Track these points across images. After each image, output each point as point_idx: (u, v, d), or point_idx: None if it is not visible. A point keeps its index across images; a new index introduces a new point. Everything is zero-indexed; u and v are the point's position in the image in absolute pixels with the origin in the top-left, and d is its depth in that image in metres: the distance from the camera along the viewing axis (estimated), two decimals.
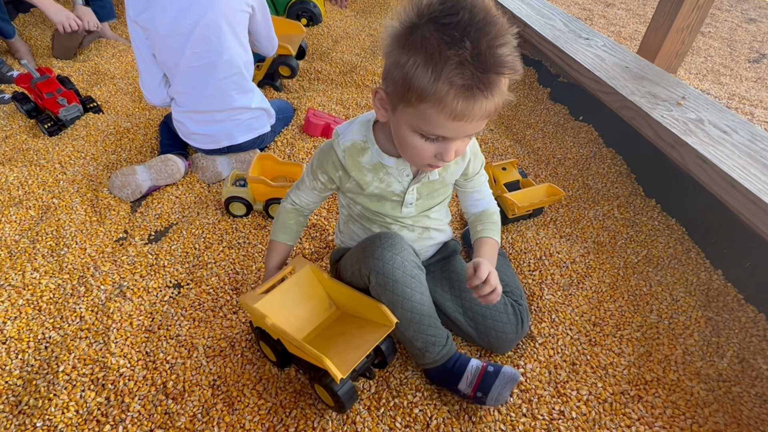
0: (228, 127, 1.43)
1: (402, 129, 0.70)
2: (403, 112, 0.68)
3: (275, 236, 0.99)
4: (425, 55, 0.60)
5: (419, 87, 0.62)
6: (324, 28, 2.47)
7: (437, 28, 0.60)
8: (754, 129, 1.16)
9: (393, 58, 0.64)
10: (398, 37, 0.63)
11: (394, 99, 0.68)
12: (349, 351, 0.83)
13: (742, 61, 2.53)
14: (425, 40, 0.60)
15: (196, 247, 1.24)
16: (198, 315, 1.06)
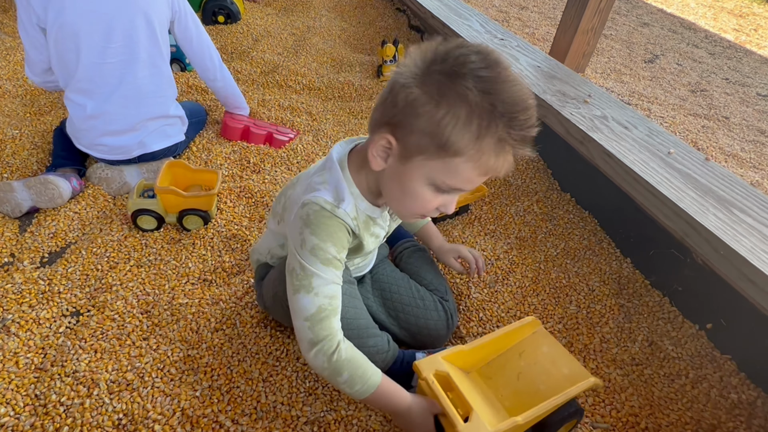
0: (141, 136, 1.30)
1: (411, 181, 0.65)
2: (422, 165, 0.63)
3: (372, 381, 0.73)
4: (469, 110, 0.58)
5: (458, 142, 0.59)
6: (243, 26, 2.36)
7: (479, 82, 0.57)
8: (651, 124, 1.26)
9: (422, 109, 0.59)
10: (429, 88, 0.59)
11: (412, 150, 0.63)
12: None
13: (639, 62, 2.77)
14: (468, 93, 0.57)
15: (98, 267, 1.11)
16: (100, 346, 0.94)
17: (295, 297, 0.70)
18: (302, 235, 0.69)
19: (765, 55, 3.17)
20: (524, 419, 0.72)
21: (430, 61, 0.60)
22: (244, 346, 0.99)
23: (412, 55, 0.62)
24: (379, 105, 0.66)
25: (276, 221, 0.88)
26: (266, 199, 1.35)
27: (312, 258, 0.69)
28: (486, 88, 0.57)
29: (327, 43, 2.33)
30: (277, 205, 0.88)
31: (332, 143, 1.62)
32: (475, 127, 0.58)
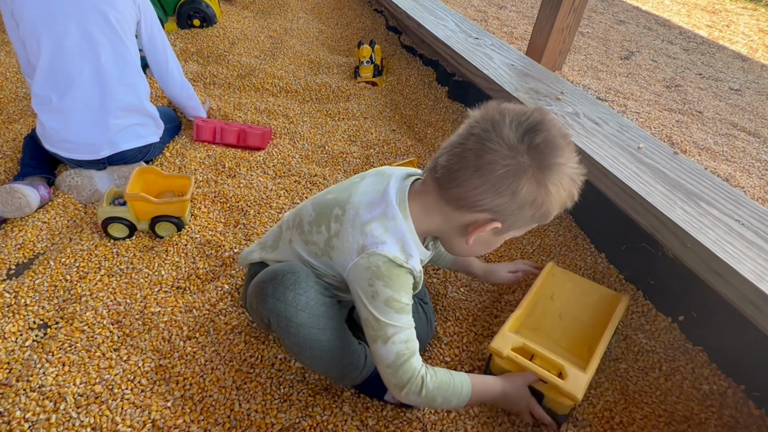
0: (110, 133, 1.27)
1: (497, 242, 0.75)
2: (513, 231, 0.72)
3: (464, 391, 0.78)
4: (569, 192, 0.66)
5: (553, 212, 0.68)
6: (219, 29, 2.33)
7: (570, 160, 0.66)
8: (622, 120, 1.27)
9: (538, 201, 0.65)
10: (539, 179, 0.64)
11: (514, 227, 0.70)
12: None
13: (616, 59, 2.80)
14: (565, 176, 0.65)
15: (68, 278, 1.09)
16: (68, 358, 0.92)
17: (374, 346, 0.72)
18: (374, 287, 0.70)
19: (737, 50, 3.23)
20: (599, 356, 0.85)
21: (534, 150, 0.63)
22: (217, 353, 0.97)
23: (507, 136, 0.62)
24: (482, 188, 0.65)
25: (312, 252, 0.80)
26: (241, 204, 1.33)
27: (386, 309, 0.70)
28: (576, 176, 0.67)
29: (304, 45, 2.31)
30: (312, 233, 0.79)
31: (309, 146, 1.61)
32: (570, 199, 0.68)
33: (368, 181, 0.79)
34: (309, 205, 0.83)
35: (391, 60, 2.19)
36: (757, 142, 2.05)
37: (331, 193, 0.81)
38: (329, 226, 0.76)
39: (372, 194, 0.75)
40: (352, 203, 0.75)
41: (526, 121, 0.63)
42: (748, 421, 0.87)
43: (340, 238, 0.74)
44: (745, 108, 2.36)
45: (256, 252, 0.92)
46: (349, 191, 0.77)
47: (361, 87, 1.96)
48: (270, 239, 0.91)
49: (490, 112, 0.65)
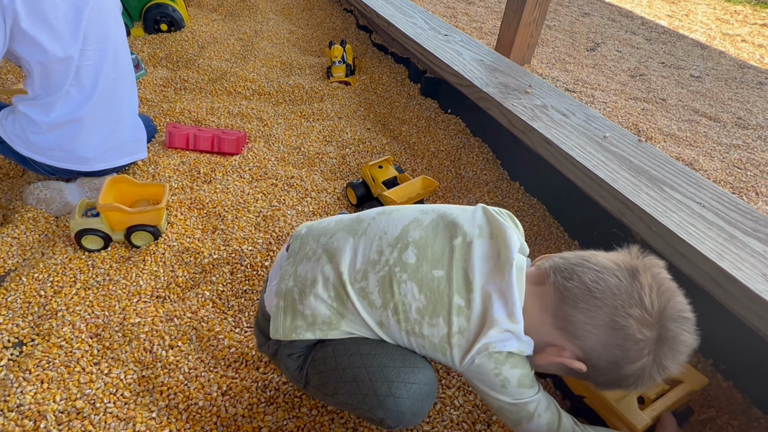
0: (110, 145, 1.26)
1: (549, 367, 0.69)
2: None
3: None
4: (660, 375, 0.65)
5: (633, 386, 0.66)
6: (188, 33, 2.30)
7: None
8: (588, 111, 1.31)
9: (633, 371, 0.62)
10: (651, 360, 0.62)
11: (587, 376, 0.66)
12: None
13: (582, 50, 2.87)
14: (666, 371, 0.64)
15: (42, 294, 1.06)
16: (47, 375, 0.90)
17: (522, 429, 0.69)
18: (501, 375, 0.64)
19: (696, 38, 3.35)
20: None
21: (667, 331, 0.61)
22: (201, 360, 0.97)
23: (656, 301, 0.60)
24: (598, 333, 0.61)
25: (419, 344, 0.68)
26: (219, 209, 1.32)
27: (520, 390, 0.66)
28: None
29: (275, 47, 2.30)
30: (423, 324, 0.66)
31: (284, 148, 1.60)
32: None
33: (476, 245, 0.67)
34: (409, 282, 0.66)
35: (363, 59, 2.20)
36: (718, 126, 2.13)
37: (434, 264, 0.67)
38: (450, 319, 0.64)
39: (485, 275, 0.65)
40: (477, 288, 0.64)
41: (683, 312, 0.62)
42: (718, 392, 0.92)
43: (463, 334, 0.64)
44: (705, 94, 2.45)
45: (306, 331, 0.72)
46: (463, 276, 0.65)
47: (335, 87, 1.97)
48: (323, 310, 0.70)
49: (657, 273, 0.63)
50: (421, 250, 0.68)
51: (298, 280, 0.73)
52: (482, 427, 0.89)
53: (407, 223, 0.71)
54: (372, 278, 0.68)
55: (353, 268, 0.70)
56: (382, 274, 0.68)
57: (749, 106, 2.35)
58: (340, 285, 0.70)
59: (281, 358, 0.76)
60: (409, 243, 0.69)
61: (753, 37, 3.48)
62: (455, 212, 0.72)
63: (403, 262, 0.67)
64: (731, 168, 1.81)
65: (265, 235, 1.25)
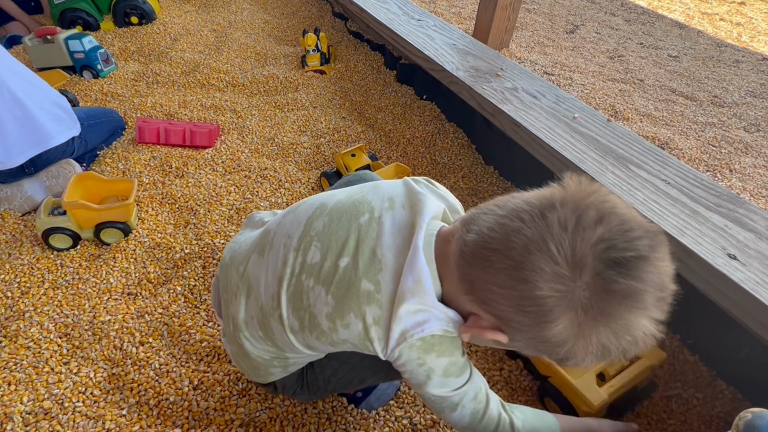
0: (23, 125, 1.20)
1: (491, 342, 0.56)
2: (518, 347, 0.56)
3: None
4: (621, 351, 0.50)
5: (580, 363, 0.53)
6: (159, 26, 2.25)
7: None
8: (559, 92, 1.31)
9: (557, 336, 0.48)
10: (573, 317, 0.47)
11: (517, 346, 0.54)
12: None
13: (561, 33, 2.86)
14: (625, 338, 0.49)
15: (8, 295, 1.05)
16: (14, 377, 0.89)
17: (445, 416, 0.62)
18: (425, 365, 0.57)
19: (675, 18, 3.35)
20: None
21: (603, 291, 0.45)
22: (172, 356, 0.96)
23: (581, 252, 0.44)
24: (506, 293, 0.48)
25: (334, 345, 0.62)
26: (191, 203, 1.31)
27: (445, 380, 0.58)
28: None
29: (250, 37, 2.26)
30: (337, 330, 0.59)
31: (258, 139, 1.58)
32: None
33: (385, 219, 0.59)
34: (310, 279, 0.60)
35: (339, 47, 2.17)
36: (694, 105, 2.14)
37: (339, 253, 0.59)
38: (362, 312, 0.57)
39: (396, 249, 0.57)
40: (387, 266, 0.56)
41: (623, 246, 0.44)
42: (684, 367, 0.93)
43: (379, 324, 0.57)
44: (682, 74, 2.46)
45: (257, 380, 0.77)
46: (370, 244, 0.58)
47: (310, 76, 1.94)
48: (264, 354, 0.69)
49: (587, 204, 0.46)
50: (325, 242, 0.60)
51: (230, 321, 0.71)
52: None
53: (311, 213, 0.64)
54: (284, 299, 0.62)
55: (268, 295, 0.64)
56: (291, 290, 0.62)
57: (725, 84, 2.36)
58: (263, 320, 0.65)
59: (291, 396, 0.80)
60: (312, 239, 0.62)
61: (731, 15, 3.49)
62: (366, 188, 0.65)
63: (308, 265, 0.61)
64: (706, 146, 1.82)
65: (238, 228, 1.24)
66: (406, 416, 0.88)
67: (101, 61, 1.82)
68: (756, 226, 0.86)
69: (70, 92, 1.67)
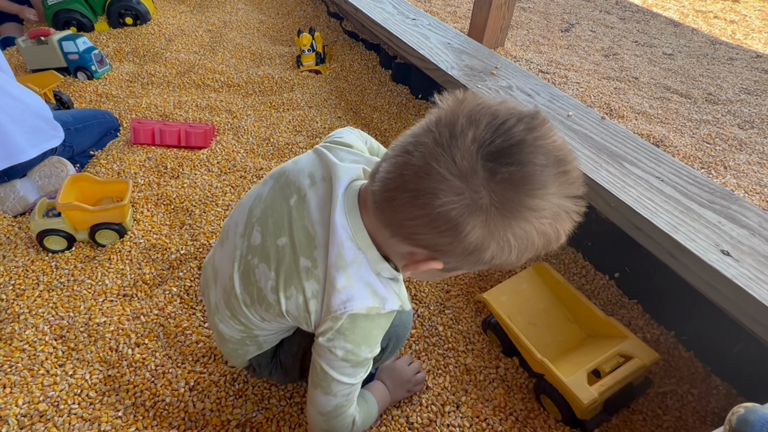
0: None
1: (442, 274, 0.60)
2: (465, 270, 0.58)
3: (374, 415, 0.78)
4: (546, 239, 0.50)
5: (517, 263, 0.52)
6: (154, 26, 2.25)
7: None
8: (553, 90, 1.31)
9: (477, 242, 0.47)
10: (483, 220, 0.47)
11: (457, 267, 0.55)
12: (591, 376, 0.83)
13: (556, 31, 2.87)
14: (543, 222, 0.48)
15: (3, 297, 1.04)
16: (9, 380, 0.89)
17: (312, 391, 0.65)
18: (333, 342, 0.59)
19: (669, 16, 3.36)
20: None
21: (497, 185, 0.45)
22: (168, 357, 0.96)
23: (462, 157, 0.44)
24: (420, 221, 0.48)
25: (280, 317, 0.64)
26: (186, 204, 1.30)
27: (341, 364, 0.60)
28: None
29: (245, 38, 2.26)
30: (278, 300, 0.62)
31: (254, 139, 1.58)
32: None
33: (310, 196, 0.61)
34: (256, 256, 0.64)
35: (334, 47, 2.17)
36: (689, 102, 2.15)
37: (277, 236, 0.62)
38: (301, 285, 0.60)
39: (324, 223, 0.59)
40: (320, 241, 0.59)
41: (500, 139, 0.44)
42: (679, 363, 0.94)
43: (317, 298, 0.60)
44: (677, 71, 2.47)
45: (238, 363, 0.82)
46: (302, 223, 0.60)
47: (305, 76, 1.94)
48: (235, 334, 0.74)
49: (457, 114, 0.46)
50: (264, 226, 0.64)
51: (209, 310, 0.77)
52: (451, 409, 0.89)
53: (252, 203, 0.68)
54: (236, 278, 0.67)
55: (226, 277, 0.69)
56: (241, 269, 0.66)
57: (719, 82, 2.37)
58: (227, 300, 0.70)
59: (268, 377, 0.84)
60: (253, 225, 0.65)
61: (725, 13, 3.50)
62: (289, 168, 0.67)
63: (252, 246, 0.65)
64: (701, 143, 1.83)
65: None
66: (403, 415, 0.88)
67: (95, 62, 1.82)
68: (749, 222, 0.87)
69: (65, 94, 1.67)
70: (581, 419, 0.82)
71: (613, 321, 0.90)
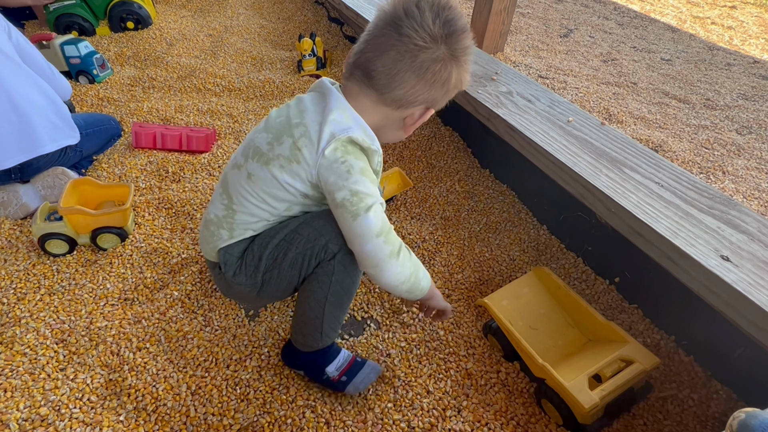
0: (16, 131, 1.19)
1: (422, 120, 0.80)
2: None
3: (427, 284, 0.83)
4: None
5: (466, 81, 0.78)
6: (156, 31, 2.25)
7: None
8: (553, 96, 1.32)
9: (455, 80, 0.74)
10: (455, 65, 0.73)
11: (438, 105, 0.78)
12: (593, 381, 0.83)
13: (555, 37, 2.89)
14: (472, 50, 0.76)
15: (4, 301, 1.04)
16: (10, 384, 0.89)
17: (356, 222, 0.72)
18: (347, 163, 0.72)
19: (667, 22, 3.39)
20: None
21: (452, 39, 0.70)
22: (170, 361, 0.96)
23: (430, 29, 0.68)
24: (419, 86, 0.72)
25: (279, 165, 0.77)
26: (187, 208, 1.31)
27: (362, 178, 0.72)
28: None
29: (246, 42, 2.27)
30: (275, 148, 0.78)
31: None
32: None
33: (306, 100, 0.79)
34: (260, 134, 0.82)
35: (335, 51, 2.18)
36: (687, 108, 2.16)
37: (277, 119, 0.81)
38: (292, 133, 0.77)
39: (318, 105, 0.77)
40: (309, 111, 0.77)
41: (443, 11, 0.68)
42: (680, 368, 0.94)
43: (307, 136, 0.75)
44: (675, 77, 2.49)
45: (208, 251, 0.90)
46: (297, 109, 0.78)
47: (306, 81, 1.95)
48: (219, 211, 0.85)
49: (407, 3, 0.69)
50: (268, 131, 0.81)
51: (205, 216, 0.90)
52: (452, 413, 0.90)
53: (252, 137, 0.84)
54: (237, 154, 0.84)
55: (228, 167, 0.86)
56: (243, 146, 0.84)
57: (717, 87, 2.39)
58: (223, 181, 0.85)
59: (232, 280, 0.86)
60: (260, 131, 0.82)
61: (723, 19, 3.53)
62: (282, 115, 0.82)
63: (258, 138, 0.81)
64: (699, 148, 1.84)
65: None
66: (404, 420, 0.88)
67: (97, 66, 1.82)
68: (748, 227, 0.87)
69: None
70: (582, 424, 0.82)
71: (613, 325, 0.90)
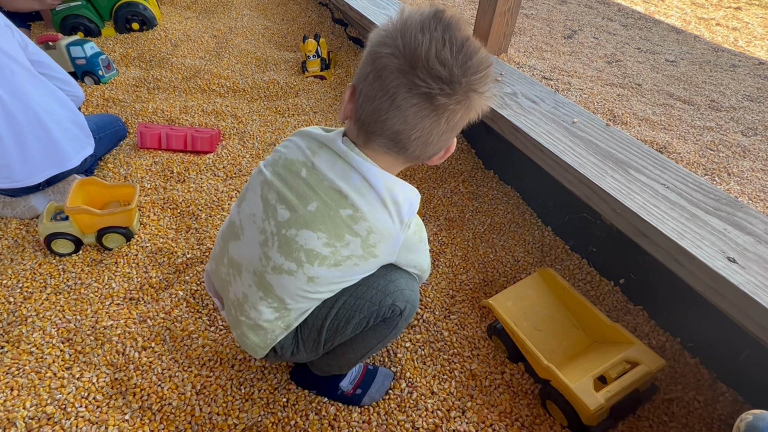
0: (44, 146, 1.20)
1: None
2: None
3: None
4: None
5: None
6: (160, 32, 2.26)
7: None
8: (558, 97, 1.32)
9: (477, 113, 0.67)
10: (473, 104, 0.65)
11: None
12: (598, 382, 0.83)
13: (559, 38, 2.88)
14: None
15: (11, 300, 1.05)
16: (17, 382, 0.89)
17: (422, 259, 0.80)
18: (418, 233, 0.75)
19: (672, 23, 3.38)
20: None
21: (474, 83, 0.62)
22: (175, 360, 0.96)
23: (451, 73, 0.58)
24: (449, 134, 0.65)
25: (351, 264, 0.70)
26: (192, 208, 1.31)
27: (421, 230, 0.76)
28: None
29: (250, 43, 2.28)
30: (338, 249, 0.68)
31: (259, 144, 1.59)
32: None
33: (329, 175, 0.67)
34: (301, 232, 0.68)
35: (339, 53, 2.19)
36: (692, 109, 2.16)
37: (307, 206, 0.68)
38: (354, 231, 0.66)
39: (344, 176, 0.67)
40: (349, 193, 0.66)
41: (464, 49, 0.59)
42: (685, 369, 0.94)
43: (376, 232, 0.67)
44: (680, 78, 2.48)
45: (258, 351, 0.80)
46: (330, 190, 0.66)
47: (310, 82, 1.95)
48: (267, 316, 0.75)
49: (416, 46, 0.58)
50: (287, 203, 0.68)
51: (232, 306, 0.78)
52: (457, 414, 0.90)
53: (260, 192, 0.72)
54: (273, 254, 0.70)
55: (256, 259, 0.72)
56: (276, 245, 0.69)
57: (722, 89, 2.38)
58: (260, 281, 0.72)
59: (290, 358, 0.82)
60: (274, 206, 0.70)
61: (727, 20, 3.52)
62: (281, 152, 0.73)
63: (282, 222, 0.68)
64: (704, 150, 1.83)
65: None
66: (408, 420, 0.88)
67: (102, 66, 1.83)
68: (755, 229, 0.87)
69: None
70: (587, 425, 0.82)
71: (618, 327, 0.90)
